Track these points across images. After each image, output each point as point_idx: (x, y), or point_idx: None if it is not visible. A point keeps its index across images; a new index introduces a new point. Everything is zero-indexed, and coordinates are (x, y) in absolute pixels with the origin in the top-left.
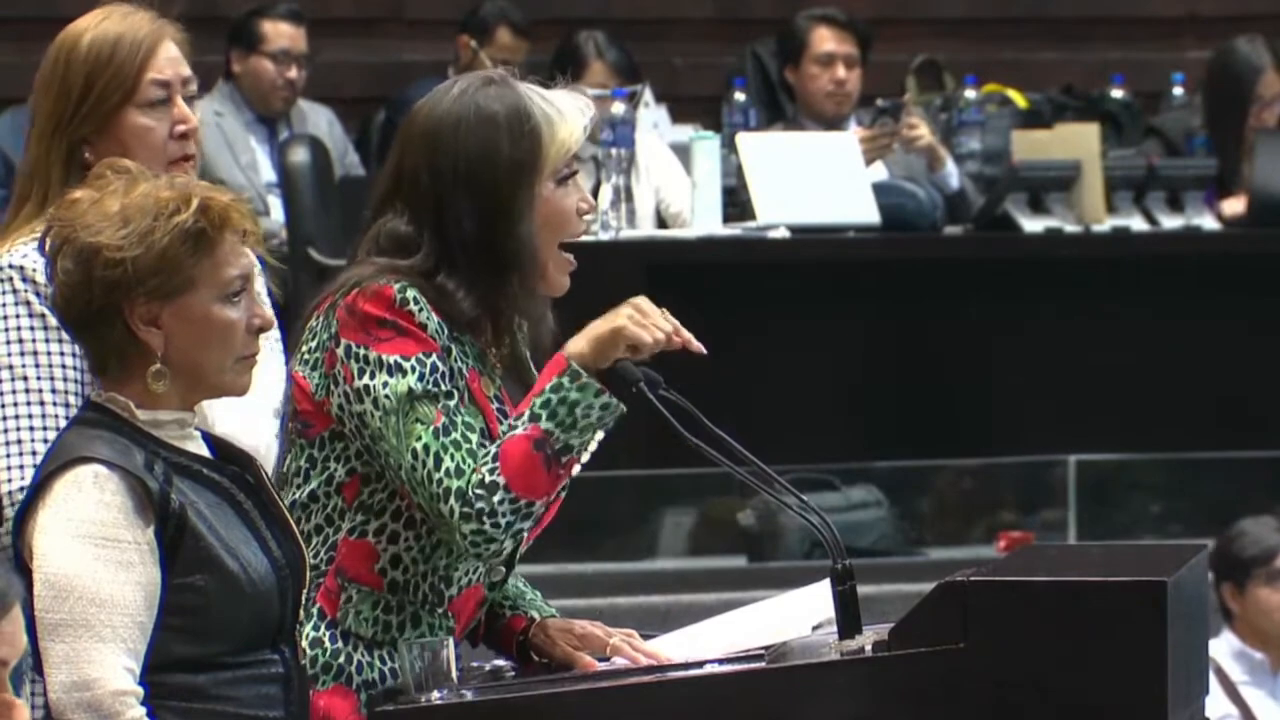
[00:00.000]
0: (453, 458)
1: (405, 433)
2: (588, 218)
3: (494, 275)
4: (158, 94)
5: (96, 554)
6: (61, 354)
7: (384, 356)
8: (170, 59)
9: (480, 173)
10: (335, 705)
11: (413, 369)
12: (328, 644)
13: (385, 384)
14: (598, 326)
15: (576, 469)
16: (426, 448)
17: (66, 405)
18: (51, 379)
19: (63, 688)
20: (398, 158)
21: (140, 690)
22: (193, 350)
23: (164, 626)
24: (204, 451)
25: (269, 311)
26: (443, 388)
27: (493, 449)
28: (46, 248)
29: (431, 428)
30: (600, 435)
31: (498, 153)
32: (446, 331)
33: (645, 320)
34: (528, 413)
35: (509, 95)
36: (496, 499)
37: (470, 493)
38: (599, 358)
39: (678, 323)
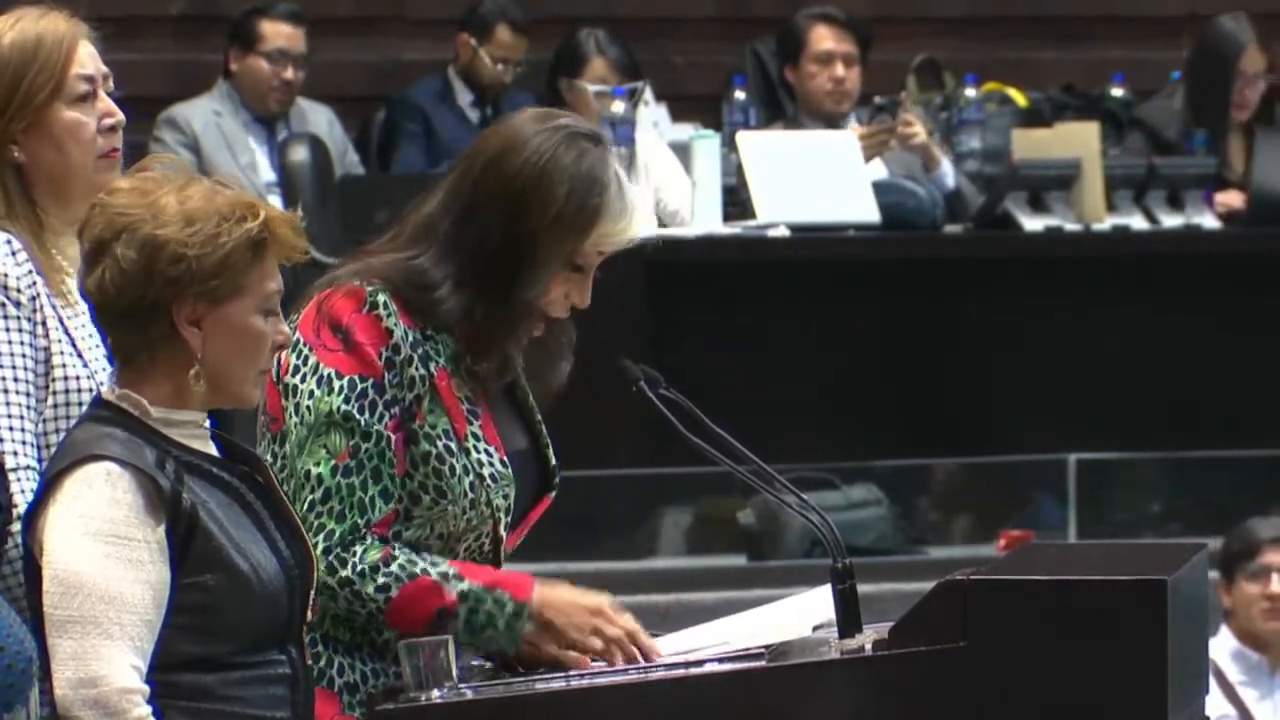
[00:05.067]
0: (341, 500)
1: (309, 451)
2: None
3: (493, 299)
4: (84, 89)
5: (106, 551)
6: (22, 343)
7: (320, 365)
8: (90, 54)
9: (530, 207)
10: (318, 709)
11: (340, 390)
12: (306, 648)
13: (311, 393)
14: (565, 608)
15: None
16: (320, 478)
17: (28, 395)
18: (14, 367)
19: (69, 684)
20: (469, 154)
21: (146, 689)
22: (225, 356)
23: (173, 626)
24: (214, 451)
25: (289, 331)
26: (361, 421)
27: (418, 566)
28: (92, 232)
29: (333, 462)
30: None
31: (555, 201)
32: (412, 338)
33: (593, 634)
34: (466, 585)
35: (597, 160)
36: (367, 589)
37: (341, 551)
38: (546, 619)
39: (636, 630)
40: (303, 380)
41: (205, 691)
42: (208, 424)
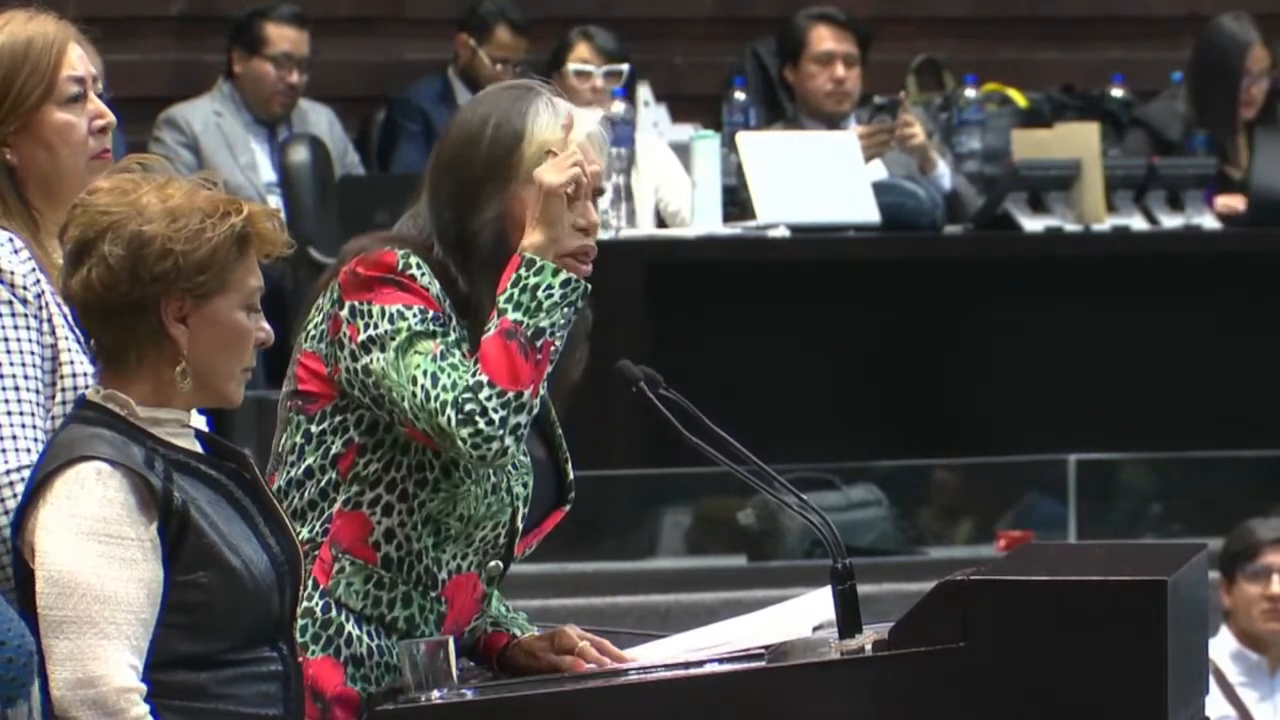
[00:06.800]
0: (449, 376)
1: (406, 365)
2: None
3: (468, 263)
4: (74, 90)
5: (100, 551)
6: (30, 340)
7: (386, 307)
8: (80, 56)
9: (459, 161)
10: (323, 674)
11: (415, 315)
12: (319, 613)
13: (389, 330)
14: (535, 210)
15: (554, 352)
16: (425, 371)
17: (37, 392)
18: (23, 364)
19: (67, 685)
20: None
21: (144, 687)
22: (211, 353)
23: (166, 624)
24: (199, 449)
25: (270, 330)
26: (440, 330)
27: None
28: (75, 233)
29: (430, 355)
30: (569, 314)
31: (478, 144)
32: (448, 303)
33: (561, 163)
34: (495, 312)
35: (517, 99)
36: (484, 396)
37: (460, 398)
38: (553, 232)
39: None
40: (375, 328)
41: (198, 690)
42: (204, 422)
